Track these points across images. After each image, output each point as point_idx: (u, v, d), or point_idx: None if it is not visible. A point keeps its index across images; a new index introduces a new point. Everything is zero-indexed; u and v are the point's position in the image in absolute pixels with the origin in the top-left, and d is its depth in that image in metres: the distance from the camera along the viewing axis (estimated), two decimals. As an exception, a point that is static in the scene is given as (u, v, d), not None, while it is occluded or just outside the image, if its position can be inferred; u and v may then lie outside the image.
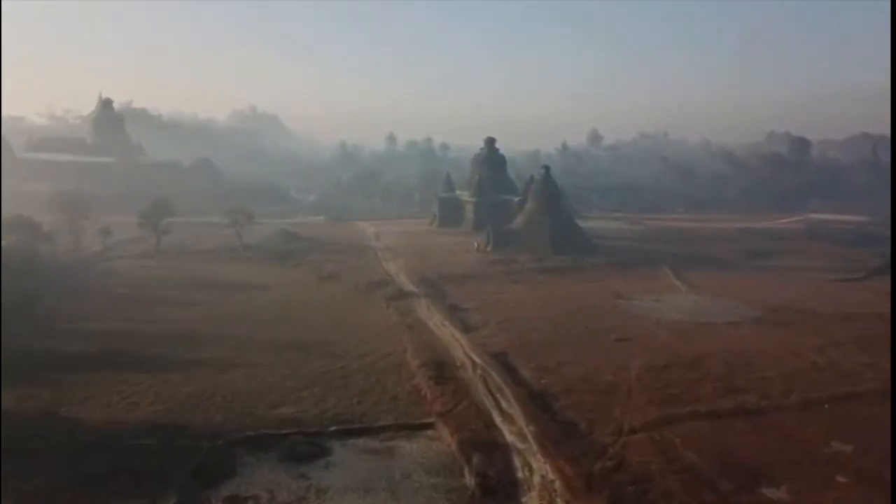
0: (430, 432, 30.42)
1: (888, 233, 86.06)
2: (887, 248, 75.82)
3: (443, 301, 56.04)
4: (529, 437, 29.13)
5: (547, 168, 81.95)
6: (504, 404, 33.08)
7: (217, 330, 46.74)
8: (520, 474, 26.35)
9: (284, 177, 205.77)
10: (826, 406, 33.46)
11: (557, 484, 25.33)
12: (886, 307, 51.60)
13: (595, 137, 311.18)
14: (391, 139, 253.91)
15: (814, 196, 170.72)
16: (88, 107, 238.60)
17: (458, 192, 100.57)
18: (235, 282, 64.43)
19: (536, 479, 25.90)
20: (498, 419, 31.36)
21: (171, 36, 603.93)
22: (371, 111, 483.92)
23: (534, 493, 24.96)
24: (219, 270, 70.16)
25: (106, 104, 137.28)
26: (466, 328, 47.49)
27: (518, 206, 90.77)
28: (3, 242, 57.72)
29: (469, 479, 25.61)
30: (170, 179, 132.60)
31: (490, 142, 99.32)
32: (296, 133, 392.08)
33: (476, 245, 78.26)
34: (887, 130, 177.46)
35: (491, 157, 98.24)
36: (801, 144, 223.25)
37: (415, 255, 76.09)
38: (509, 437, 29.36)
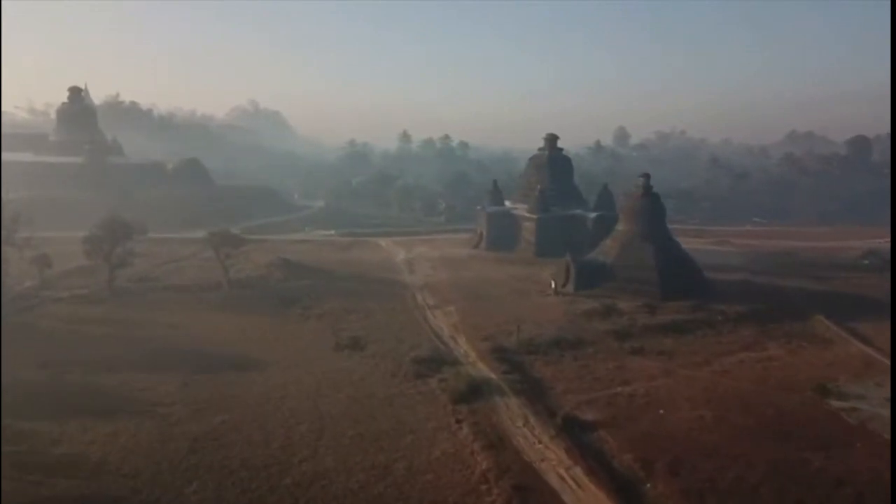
0: None
1: None
2: None
3: (545, 403, 34.03)
4: None
5: (647, 177, 59.68)
6: None
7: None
8: None
9: (287, 179, 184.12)
10: None
11: None
12: None
13: (622, 136, 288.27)
14: (405, 137, 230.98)
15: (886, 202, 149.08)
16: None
17: (507, 204, 78.24)
18: (209, 351, 42.26)
19: None
20: None
21: (170, 31, 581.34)
22: (380, 108, 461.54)
23: None
24: (190, 325, 48.07)
25: (74, 94, 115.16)
26: (625, 491, 25.36)
27: (595, 226, 68.77)
28: None
29: None
30: (148, 184, 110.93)
31: (552, 140, 76.73)
32: (299, 130, 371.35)
33: (553, 284, 56.08)
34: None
35: (554, 160, 75.69)
36: (862, 144, 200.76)
37: (470, 298, 53.96)
38: None
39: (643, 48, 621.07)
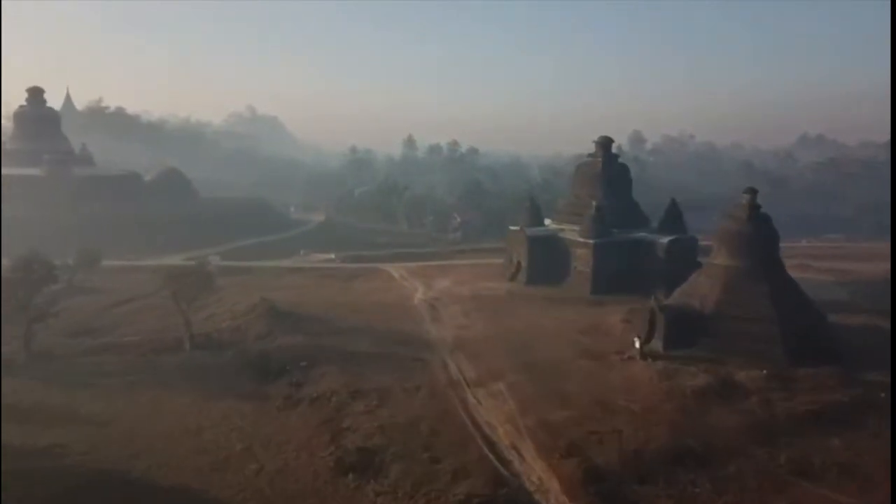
0: None
1: None
2: None
3: None
4: None
5: (754, 194, 44.42)
6: None
7: None
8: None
9: (283, 189, 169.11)
10: None
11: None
12: None
13: (638, 140, 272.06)
14: (410, 143, 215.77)
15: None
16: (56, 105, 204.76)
17: (548, 224, 62.96)
18: (135, 479, 27.07)
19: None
20: None
21: (167, 35, 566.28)
22: (381, 111, 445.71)
23: None
24: (122, 419, 32.99)
25: (34, 96, 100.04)
26: None
27: (669, 254, 53.67)
28: None
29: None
30: (121, 198, 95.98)
31: (605, 145, 61.37)
32: (298, 136, 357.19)
33: (636, 343, 40.66)
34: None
35: (609, 169, 60.35)
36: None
37: (525, 367, 38.51)
38: None
39: (648, 51, 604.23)
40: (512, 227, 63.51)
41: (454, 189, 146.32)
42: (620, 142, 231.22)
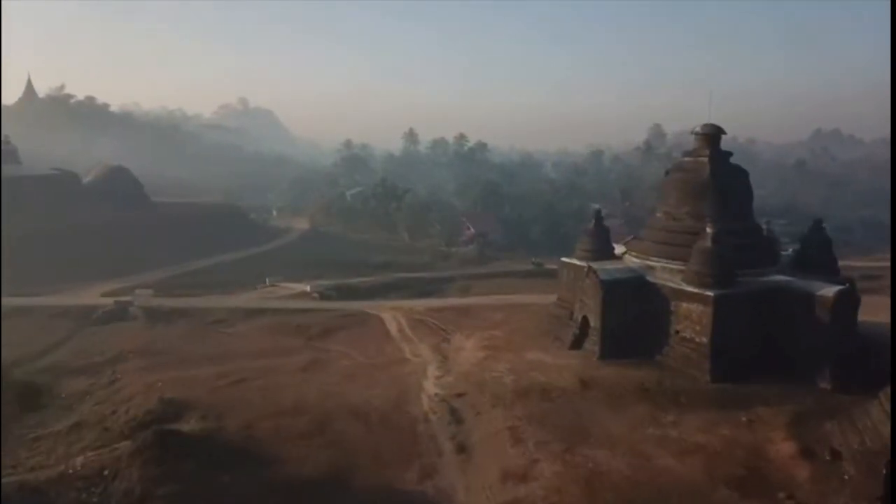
0: None
1: None
2: None
3: None
4: None
5: None
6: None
7: None
8: None
9: (267, 188, 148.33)
10: None
11: None
12: None
13: (658, 135, 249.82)
14: (411, 137, 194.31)
15: None
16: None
17: (622, 254, 41.76)
18: None
19: None
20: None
21: (163, 29, 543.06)
22: (382, 107, 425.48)
23: None
24: None
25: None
26: None
27: (839, 313, 32.77)
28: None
29: None
30: (39, 206, 75.06)
31: (713, 138, 39.64)
32: (295, 132, 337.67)
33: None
34: None
35: (723, 175, 38.52)
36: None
37: None
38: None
39: (648, 49, 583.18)
40: (567, 260, 42.42)
41: (464, 191, 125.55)
42: (638, 137, 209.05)
